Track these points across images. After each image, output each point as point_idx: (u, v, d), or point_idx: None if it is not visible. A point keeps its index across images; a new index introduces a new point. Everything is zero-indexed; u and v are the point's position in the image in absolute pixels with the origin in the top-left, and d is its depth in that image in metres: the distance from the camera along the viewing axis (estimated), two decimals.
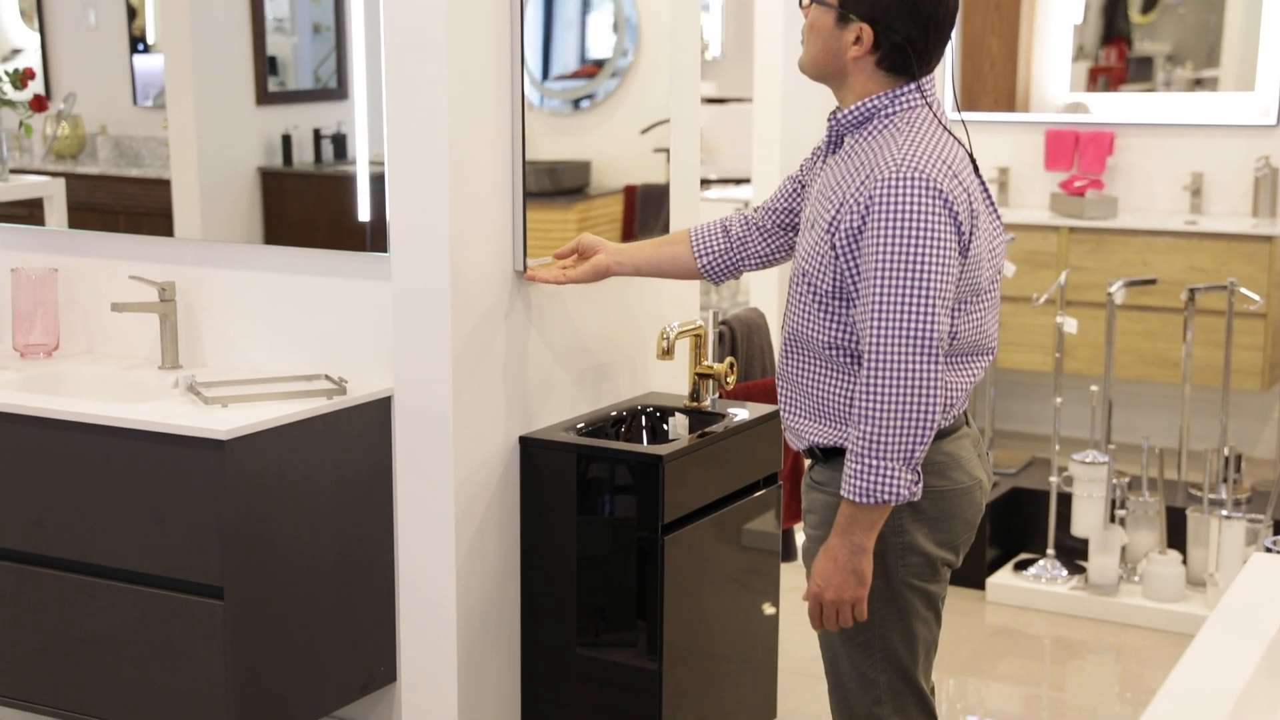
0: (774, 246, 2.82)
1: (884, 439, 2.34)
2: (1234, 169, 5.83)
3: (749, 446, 3.31)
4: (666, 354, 3.19)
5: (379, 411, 3.09)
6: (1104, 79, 6.37)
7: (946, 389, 2.44)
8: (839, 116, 2.50)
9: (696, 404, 3.34)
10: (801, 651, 3.90)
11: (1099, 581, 4.61)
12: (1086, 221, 5.76)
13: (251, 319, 3.30)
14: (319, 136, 3.35)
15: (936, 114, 2.47)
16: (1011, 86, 6.29)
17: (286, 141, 3.36)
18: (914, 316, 2.32)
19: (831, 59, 2.48)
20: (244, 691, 2.91)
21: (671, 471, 3.01)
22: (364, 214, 3.18)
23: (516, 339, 3.11)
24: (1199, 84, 6.21)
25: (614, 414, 3.32)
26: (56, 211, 3.60)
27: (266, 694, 2.98)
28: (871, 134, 2.45)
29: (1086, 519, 4.60)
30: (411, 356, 3.01)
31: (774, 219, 2.80)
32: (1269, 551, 2.95)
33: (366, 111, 3.16)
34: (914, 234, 2.32)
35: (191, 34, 3.44)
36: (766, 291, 5.71)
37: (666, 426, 3.36)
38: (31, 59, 3.62)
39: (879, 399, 2.34)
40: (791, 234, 2.79)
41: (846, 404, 2.48)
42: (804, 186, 2.72)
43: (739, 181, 6.85)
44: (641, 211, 3.51)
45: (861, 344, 2.39)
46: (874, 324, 2.34)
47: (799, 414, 2.57)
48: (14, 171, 3.63)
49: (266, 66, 3.37)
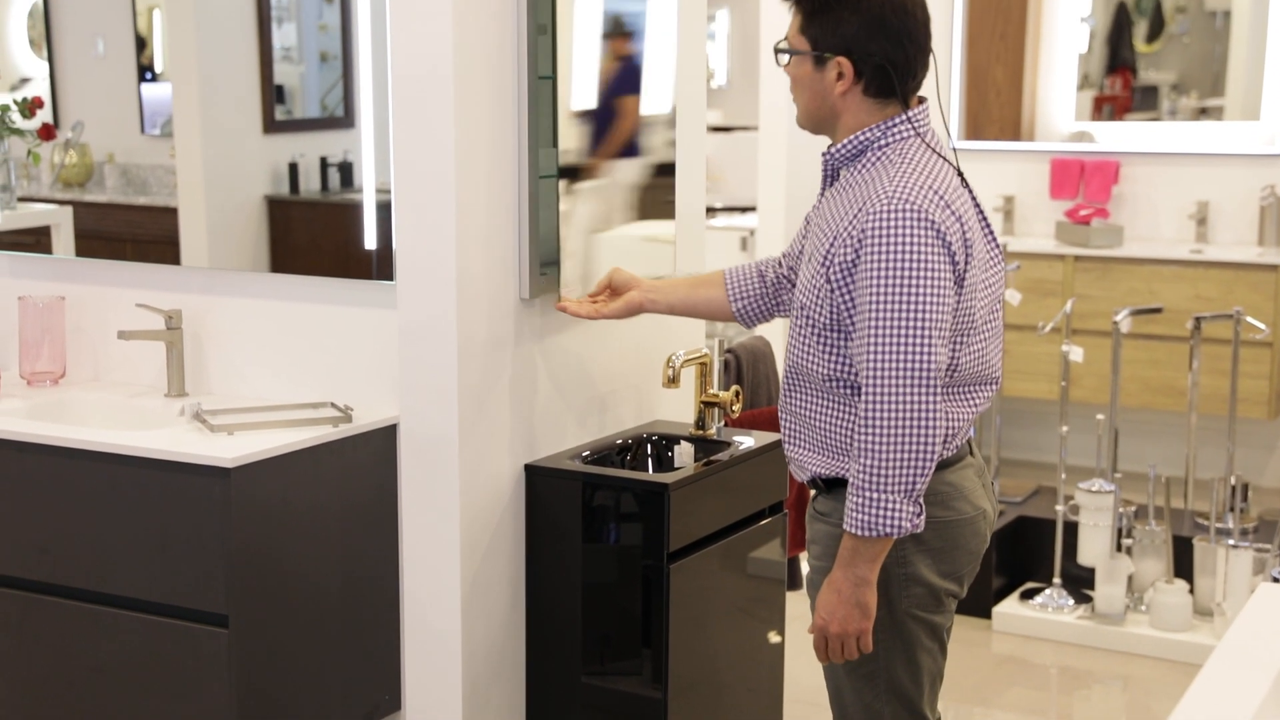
0: None
1: (884, 472, 2.34)
2: (1239, 198, 5.83)
3: (754, 475, 3.31)
4: (672, 382, 3.19)
5: (385, 439, 3.09)
6: (1109, 108, 6.38)
7: (947, 419, 2.44)
8: (832, 151, 2.53)
9: (702, 432, 3.34)
10: (807, 680, 3.89)
11: (1105, 611, 4.59)
12: (1092, 250, 5.77)
13: (258, 347, 3.30)
14: (326, 165, 3.35)
15: (929, 143, 2.48)
16: (1017, 115, 6.30)
17: (293, 170, 3.37)
18: (910, 348, 2.32)
19: (821, 103, 2.50)
20: None
21: (677, 500, 3.01)
22: (370, 242, 3.19)
23: (522, 367, 3.11)
24: (1204, 113, 6.22)
25: (619, 442, 3.32)
26: (64, 239, 3.61)
27: None
28: (865, 167, 2.47)
29: (1093, 548, 4.58)
30: (417, 384, 3.01)
31: (797, 264, 2.81)
32: (1276, 581, 2.94)
33: (373, 140, 3.17)
34: (907, 266, 2.33)
35: (199, 63, 3.45)
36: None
37: (672, 455, 3.35)
38: (40, 88, 3.64)
39: (878, 432, 2.34)
40: None
41: (848, 435, 2.48)
42: (809, 223, 2.73)
43: (744, 210, 6.86)
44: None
45: (859, 377, 2.39)
46: (871, 357, 2.34)
47: (801, 445, 2.57)
48: (22, 199, 3.64)
49: (274, 95, 3.38)
